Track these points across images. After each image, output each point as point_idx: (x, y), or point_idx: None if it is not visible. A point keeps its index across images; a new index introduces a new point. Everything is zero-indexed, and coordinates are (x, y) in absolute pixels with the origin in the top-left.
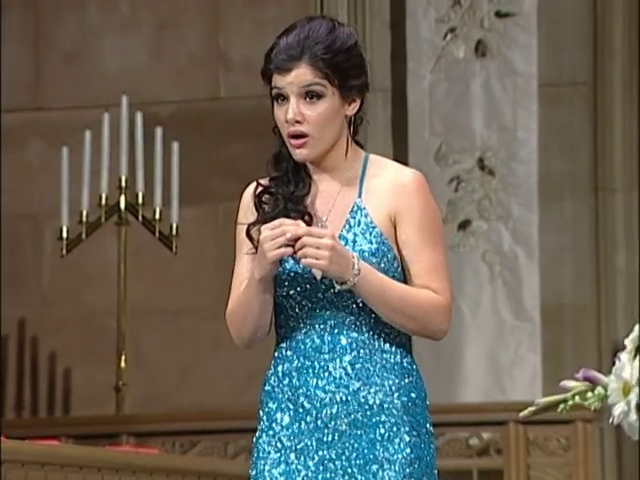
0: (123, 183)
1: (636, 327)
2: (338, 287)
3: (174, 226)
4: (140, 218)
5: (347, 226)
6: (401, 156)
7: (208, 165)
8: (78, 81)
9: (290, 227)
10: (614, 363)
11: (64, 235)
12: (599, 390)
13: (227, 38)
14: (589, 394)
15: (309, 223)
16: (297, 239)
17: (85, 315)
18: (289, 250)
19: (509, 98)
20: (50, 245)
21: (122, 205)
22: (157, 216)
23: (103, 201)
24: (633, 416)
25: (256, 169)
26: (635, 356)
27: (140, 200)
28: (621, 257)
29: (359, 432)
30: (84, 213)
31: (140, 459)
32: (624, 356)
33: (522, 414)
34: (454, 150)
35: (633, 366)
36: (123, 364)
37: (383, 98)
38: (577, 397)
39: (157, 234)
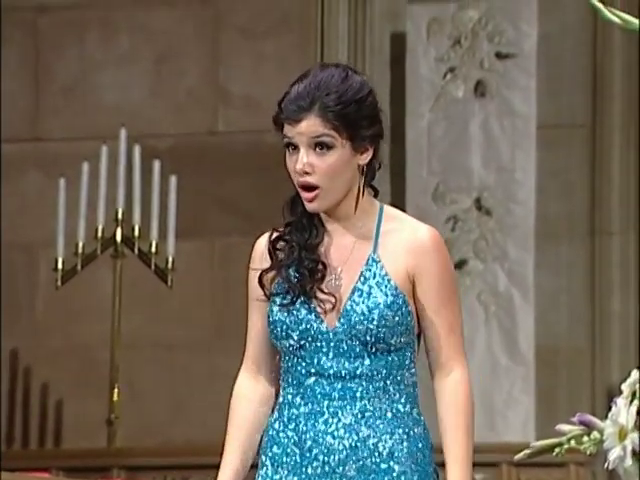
0: (120, 215)
1: (634, 372)
2: None
3: (170, 260)
4: (136, 251)
5: (362, 278)
6: (398, 194)
7: (205, 199)
8: (77, 113)
9: None
10: (609, 407)
11: (59, 266)
12: (595, 434)
13: (226, 72)
14: (585, 438)
15: (323, 272)
16: None
17: (78, 347)
18: None
19: (507, 139)
20: (45, 276)
21: (118, 237)
22: (153, 249)
23: (99, 233)
24: (629, 461)
25: (253, 204)
26: (631, 401)
27: (136, 233)
28: (616, 300)
29: (368, 478)
30: (80, 245)
31: None
32: (620, 401)
33: (517, 457)
34: (451, 189)
35: (629, 411)
36: (116, 397)
37: None
38: (573, 441)
39: (153, 267)
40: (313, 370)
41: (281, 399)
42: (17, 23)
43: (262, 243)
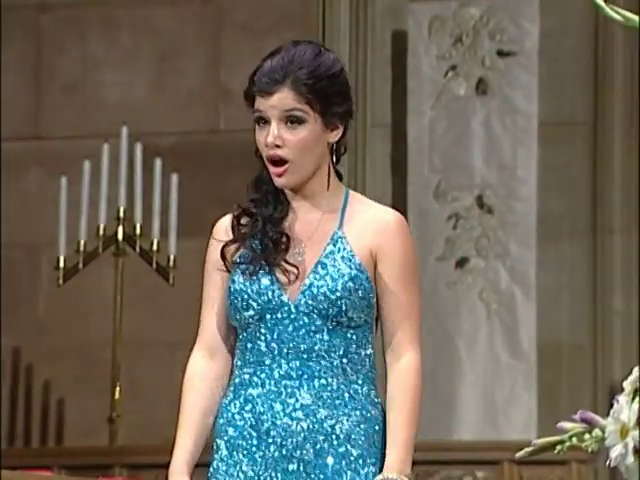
0: (121, 214)
1: (635, 369)
2: None
3: (171, 258)
4: (137, 249)
5: (326, 253)
6: (400, 192)
7: (206, 197)
8: (78, 111)
9: None
10: (611, 404)
11: (61, 264)
12: (597, 432)
13: (227, 70)
14: (586, 436)
15: (287, 245)
16: None
17: (80, 345)
18: None
19: (509, 136)
20: (46, 274)
21: (120, 236)
22: (154, 247)
23: (101, 231)
24: (630, 459)
25: None
26: (633, 399)
27: (138, 231)
28: (618, 297)
29: (325, 462)
30: (81, 243)
31: None
32: (622, 398)
33: (519, 454)
34: (453, 187)
35: (631, 409)
36: (117, 395)
37: (383, 134)
38: (574, 438)
39: (154, 265)
40: (272, 345)
41: (237, 379)
42: (18, 21)
43: (225, 219)
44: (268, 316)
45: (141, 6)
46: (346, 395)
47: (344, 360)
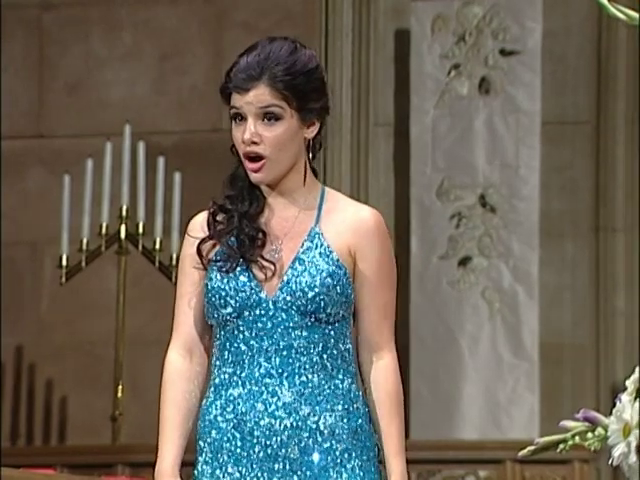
0: (124, 212)
1: (638, 368)
2: None
3: (174, 256)
4: (140, 247)
5: (303, 249)
6: (403, 191)
7: (209, 196)
8: (81, 110)
9: None
10: (613, 404)
11: (64, 263)
12: (599, 431)
13: None
14: (589, 435)
15: (263, 241)
16: None
17: (83, 344)
18: None
19: (512, 135)
20: (49, 273)
21: (122, 234)
22: (157, 246)
23: (104, 230)
24: (633, 458)
25: None
26: (636, 398)
27: (141, 230)
28: (621, 297)
29: (310, 459)
30: (84, 241)
31: None
32: (625, 397)
33: (521, 453)
34: (456, 186)
35: (634, 408)
36: (120, 393)
37: (386, 132)
38: (577, 437)
39: (157, 264)
40: (251, 343)
41: (216, 380)
42: (21, 20)
43: (200, 216)
44: (246, 313)
45: (143, 5)
46: (327, 390)
47: (324, 356)
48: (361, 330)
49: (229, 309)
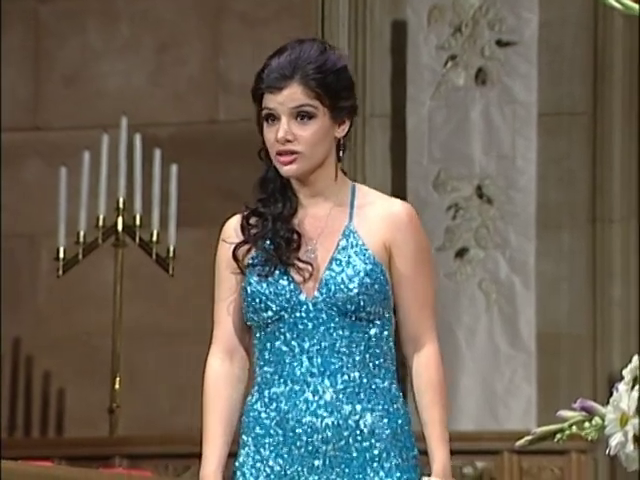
0: (121, 204)
1: (634, 358)
2: None
3: (171, 248)
4: (137, 240)
5: (339, 248)
6: (399, 182)
7: (206, 187)
8: (77, 102)
9: None
10: (610, 393)
11: (61, 255)
12: (596, 421)
13: (227, 61)
14: (586, 424)
15: (299, 242)
16: None
17: (80, 336)
18: None
19: (508, 126)
20: (46, 265)
21: (119, 226)
22: (154, 238)
23: (100, 222)
24: (630, 447)
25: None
26: (633, 387)
27: (137, 222)
28: (618, 287)
29: (350, 457)
30: (81, 234)
31: None
32: (622, 387)
33: (518, 443)
34: (452, 177)
35: (631, 397)
36: (117, 385)
37: (382, 124)
38: (574, 427)
39: (154, 256)
40: (293, 344)
41: (259, 378)
42: (18, 11)
43: (233, 220)
44: (287, 315)
45: None
46: (368, 390)
47: (366, 355)
48: (402, 324)
49: (270, 312)
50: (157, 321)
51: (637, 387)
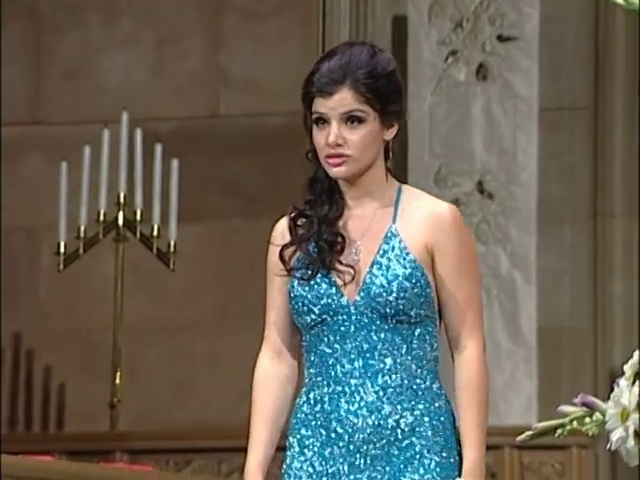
0: (121, 199)
1: (635, 353)
2: None
3: (172, 243)
4: (138, 234)
5: (381, 251)
6: (400, 177)
7: (207, 182)
8: (78, 96)
9: None
10: (611, 389)
11: (61, 250)
12: (597, 416)
13: (227, 55)
14: (587, 419)
15: (342, 245)
16: None
17: (81, 330)
18: None
19: (509, 121)
20: (47, 260)
21: (120, 221)
22: (155, 233)
23: (101, 217)
24: (631, 442)
25: (255, 186)
26: (634, 382)
27: (138, 216)
28: (619, 282)
29: (391, 455)
30: (82, 229)
31: (134, 476)
32: (623, 382)
33: (519, 438)
34: (453, 172)
35: (632, 392)
36: (118, 380)
37: None
38: (575, 422)
39: (155, 251)
40: (335, 346)
41: (307, 380)
42: (18, 6)
43: (282, 222)
44: (329, 319)
45: None
46: (409, 390)
47: (408, 357)
48: (447, 326)
49: (312, 316)
50: (158, 316)
51: (638, 382)
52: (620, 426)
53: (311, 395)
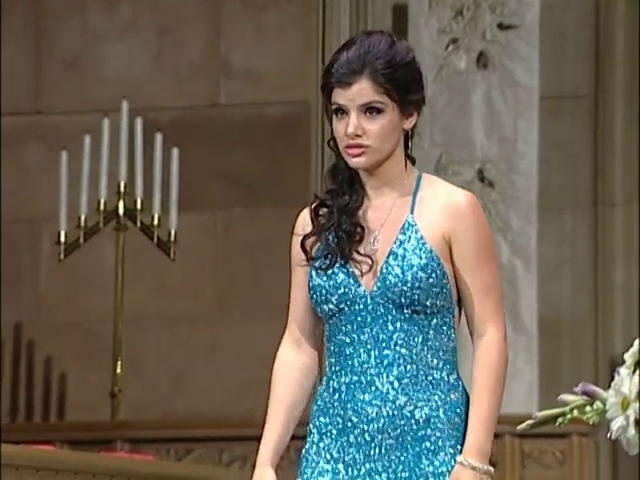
0: (122, 188)
1: (635, 342)
2: None
3: (172, 232)
4: (138, 224)
5: (398, 242)
6: None
7: (207, 171)
8: (78, 85)
9: None
10: (612, 377)
11: (62, 239)
12: (598, 404)
13: (228, 45)
14: (588, 408)
15: (361, 235)
16: None
17: (82, 320)
18: None
19: (510, 110)
20: (47, 249)
21: (121, 210)
22: (155, 222)
23: (102, 206)
24: (631, 431)
25: (255, 176)
26: (634, 371)
27: (139, 206)
28: (619, 271)
29: (405, 445)
30: (82, 218)
31: (134, 465)
32: (623, 371)
33: (520, 427)
34: (454, 161)
35: (632, 381)
36: (119, 370)
37: None
38: (576, 411)
39: (155, 240)
40: (352, 336)
41: (327, 369)
42: None
43: (305, 212)
44: (346, 308)
45: None
46: (425, 381)
47: (424, 348)
48: (468, 316)
49: (330, 305)
50: (158, 305)
51: (638, 371)
52: (621, 415)
53: (331, 384)
